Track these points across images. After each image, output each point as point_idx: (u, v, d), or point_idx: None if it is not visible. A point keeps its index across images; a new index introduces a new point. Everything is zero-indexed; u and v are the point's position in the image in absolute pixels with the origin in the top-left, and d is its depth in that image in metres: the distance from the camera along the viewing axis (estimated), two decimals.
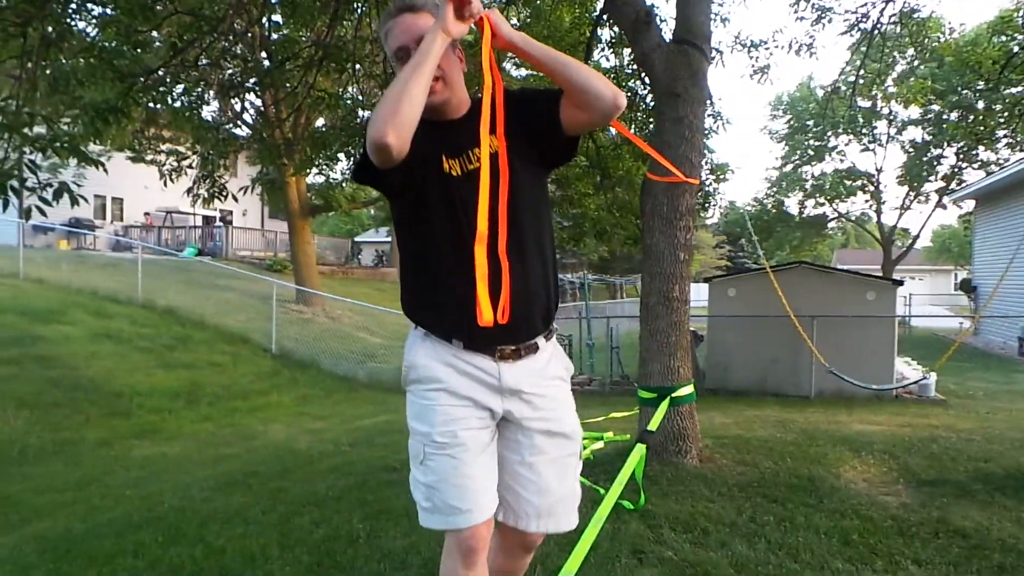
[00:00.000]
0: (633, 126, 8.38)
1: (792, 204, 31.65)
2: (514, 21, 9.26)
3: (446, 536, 1.77)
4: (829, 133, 29.57)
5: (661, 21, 7.23)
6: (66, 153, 6.27)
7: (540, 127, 1.75)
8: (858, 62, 10.50)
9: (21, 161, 6.12)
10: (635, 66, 7.92)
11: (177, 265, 17.83)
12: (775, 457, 5.17)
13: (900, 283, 9.59)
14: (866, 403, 8.65)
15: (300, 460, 5.74)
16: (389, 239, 36.79)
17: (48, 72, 6.96)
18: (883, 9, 8.58)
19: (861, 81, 11.05)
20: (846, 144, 30.38)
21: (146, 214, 27.74)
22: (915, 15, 8.76)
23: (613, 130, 9.77)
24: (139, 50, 7.71)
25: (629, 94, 8.61)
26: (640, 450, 3.74)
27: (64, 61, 7.14)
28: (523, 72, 11.99)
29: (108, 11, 7.59)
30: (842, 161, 30.13)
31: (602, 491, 3.52)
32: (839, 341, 9.09)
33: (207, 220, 28.69)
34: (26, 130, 6.05)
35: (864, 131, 28.92)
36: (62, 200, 6.25)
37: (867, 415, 7.53)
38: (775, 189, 31.59)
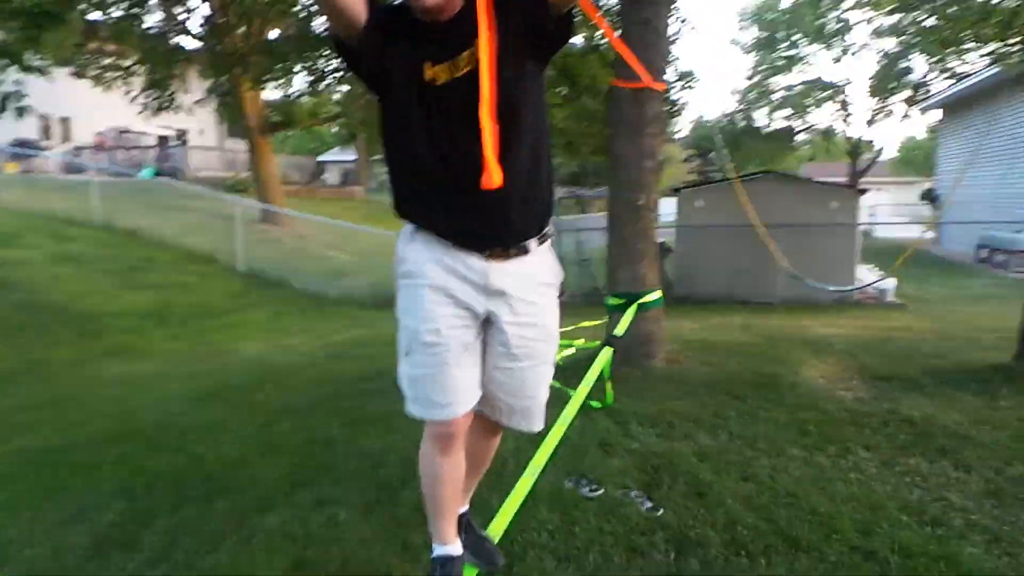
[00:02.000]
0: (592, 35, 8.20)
1: (761, 118, 31.54)
2: None
3: (426, 423, 1.84)
4: (799, 40, 29.14)
5: None
6: (5, 62, 5.98)
7: (526, 11, 1.67)
8: None
9: None
10: None
11: (136, 187, 17.30)
12: (739, 358, 5.37)
13: (863, 191, 9.76)
14: (829, 309, 8.95)
15: (276, 373, 5.81)
16: (355, 159, 35.99)
17: None
18: None
19: None
20: (815, 53, 30.05)
21: (98, 134, 26.61)
22: None
23: (580, 37, 9.52)
24: None
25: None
26: (606, 352, 3.87)
27: None
28: None
29: None
30: (804, 71, 29.87)
31: (571, 392, 3.65)
32: (804, 249, 9.30)
33: (163, 140, 27.67)
34: None
35: (834, 40, 28.58)
36: (5, 121, 6.00)
37: (829, 320, 7.80)
38: (743, 103, 31.34)
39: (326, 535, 2.63)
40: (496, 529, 2.21)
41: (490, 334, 1.84)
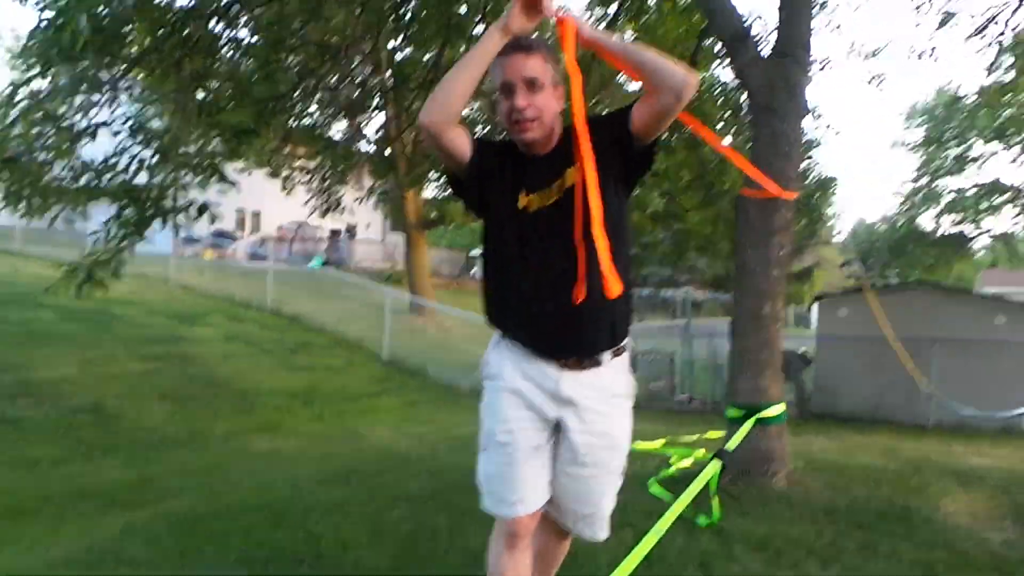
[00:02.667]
0: (735, 141, 8.32)
1: (929, 220, 29.50)
2: (629, 34, 9.31)
3: (496, 518, 1.98)
4: (973, 139, 27.29)
5: (763, 38, 7.13)
6: (208, 174, 7.12)
7: (615, 142, 1.86)
8: (995, 66, 9.84)
9: (175, 183, 7.02)
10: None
11: (305, 275, 19.15)
12: (871, 484, 4.97)
13: None
14: (991, 437, 8.00)
15: (399, 461, 6.11)
16: None
17: (198, 99, 7.84)
18: (1016, 9, 8.03)
19: (1002, 85, 10.30)
20: (993, 155, 27.94)
21: (280, 227, 29.86)
22: None
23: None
24: (271, 77, 8.45)
25: (731, 110, 8.52)
26: (714, 466, 3.75)
27: (210, 91, 8.00)
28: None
29: (251, 39, 8.40)
30: (978, 172, 27.76)
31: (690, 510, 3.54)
32: (964, 368, 8.49)
33: (334, 232, 30.53)
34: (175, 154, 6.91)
35: (1015, 139, 26.49)
36: (216, 213, 7.19)
37: (988, 449, 7.00)
38: (908, 205, 29.55)
39: None
40: None
41: (560, 440, 1.96)
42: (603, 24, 8.50)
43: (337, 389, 9.88)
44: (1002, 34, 8.27)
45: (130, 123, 7.09)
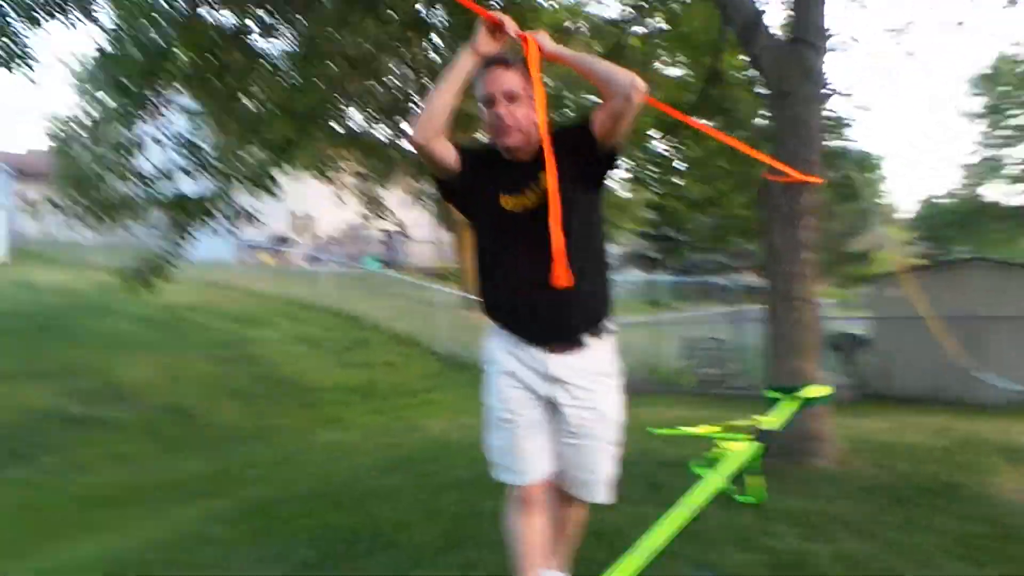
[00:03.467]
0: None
1: (996, 192, 28.20)
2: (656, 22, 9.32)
3: (507, 488, 2.21)
4: None
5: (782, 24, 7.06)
6: (250, 184, 7.56)
7: (581, 146, 2.08)
8: None
9: (224, 192, 7.47)
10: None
11: (360, 276, 19.73)
12: (917, 462, 4.98)
13: None
14: None
15: (451, 450, 6.39)
16: None
17: (239, 115, 8.27)
18: None
19: None
20: None
21: (334, 231, 30.66)
22: None
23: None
24: (308, 89, 8.74)
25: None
26: (752, 447, 3.85)
27: (250, 105, 8.40)
28: None
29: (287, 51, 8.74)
30: None
31: (732, 488, 3.63)
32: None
33: (388, 234, 31.17)
34: (221, 165, 7.39)
35: None
36: (267, 220, 7.62)
37: None
38: (971, 178, 28.38)
39: None
40: None
41: (556, 415, 2.18)
42: (634, 13, 8.56)
43: (394, 384, 10.27)
44: None
45: (177, 138, 7.59)
